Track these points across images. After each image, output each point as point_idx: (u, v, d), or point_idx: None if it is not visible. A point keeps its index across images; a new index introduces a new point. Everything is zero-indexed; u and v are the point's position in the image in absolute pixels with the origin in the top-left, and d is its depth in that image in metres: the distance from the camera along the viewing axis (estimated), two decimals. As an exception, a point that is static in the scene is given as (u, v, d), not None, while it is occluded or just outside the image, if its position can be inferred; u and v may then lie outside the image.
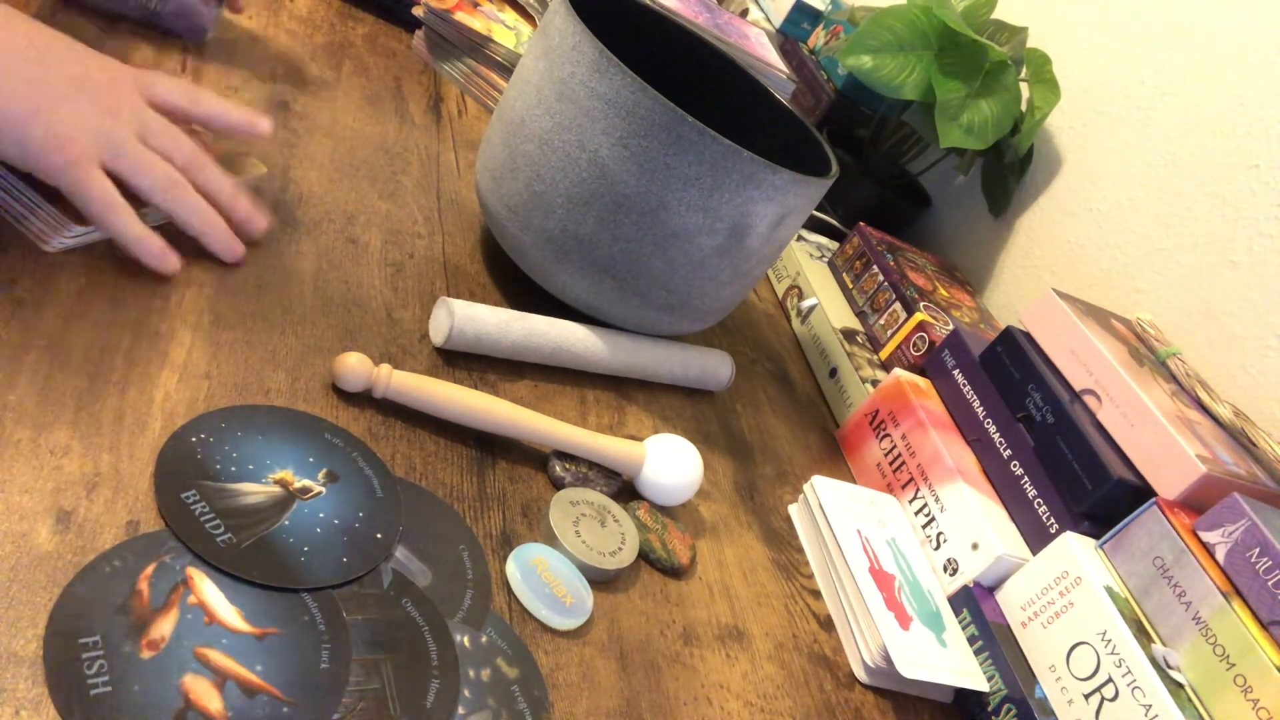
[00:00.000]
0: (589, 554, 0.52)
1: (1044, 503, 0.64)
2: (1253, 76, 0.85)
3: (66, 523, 0.39)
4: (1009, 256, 1.03)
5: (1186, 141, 0.89)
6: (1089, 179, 0.97)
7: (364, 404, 0.53)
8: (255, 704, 0.37)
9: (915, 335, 0.81)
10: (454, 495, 0.51)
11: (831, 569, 0.62)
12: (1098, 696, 0.55)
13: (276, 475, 0.46)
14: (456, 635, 0.44)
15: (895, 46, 0.90)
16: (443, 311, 0.59)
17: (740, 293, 0.67)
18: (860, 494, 0.68)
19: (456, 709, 0.41)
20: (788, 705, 0.53)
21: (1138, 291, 0.89)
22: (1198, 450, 0.60)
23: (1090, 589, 0.57)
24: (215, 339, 0.51)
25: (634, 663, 0.49)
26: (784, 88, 0.99)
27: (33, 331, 0.45)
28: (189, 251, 0.54)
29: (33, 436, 0.41)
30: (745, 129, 0.77)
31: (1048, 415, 0.67)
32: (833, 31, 1.20)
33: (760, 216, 0.61)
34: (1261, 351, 0.78)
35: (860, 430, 0.76)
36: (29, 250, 0.49)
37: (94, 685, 0.35)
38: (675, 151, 0.57)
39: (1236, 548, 0.55)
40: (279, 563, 0.42)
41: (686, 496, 0.59)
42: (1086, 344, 0.68)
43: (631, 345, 0.66)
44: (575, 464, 0.57)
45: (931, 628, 0.60)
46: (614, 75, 0.57)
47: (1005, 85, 0.91)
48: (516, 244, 0.64)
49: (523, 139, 0.61)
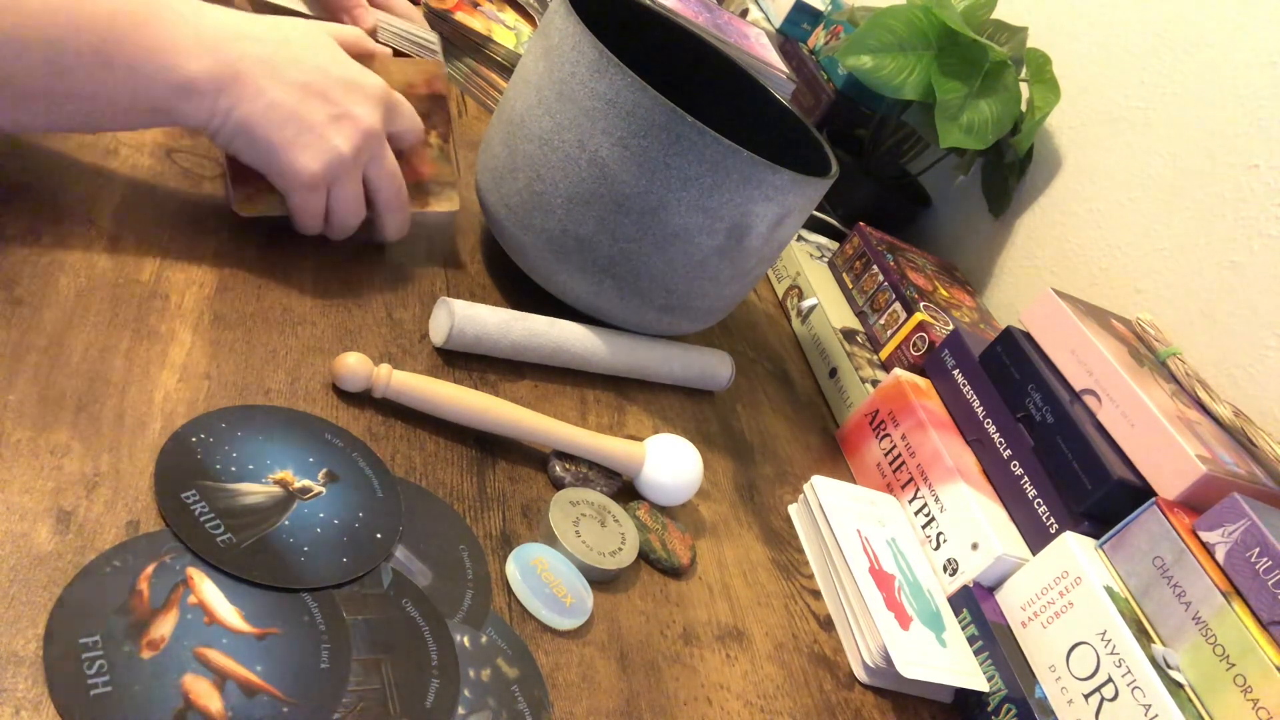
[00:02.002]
0: (589, 554, 0.52)
1: (1044, 503, 0.64)
2: (1253, 76, 0.85)
3: (66, 523, 0.39)
4: (1009, 256, 1.03)
5: (1186, 141, 0.89)
6: (1089, 179, 0.97)
7: (364, 404, 0.53)
8: (255, 704, 0.37)
9: (915, 335, 0.81)
10: (454, 495, 0.51)
11: (831, 569, 0.62)
12: (1097, 696, 0.55)
13: (276, 475, 0.46)
14: (456, 635, 0.44)
15: (895, 46, 0.90)
16: (443, 311, 0.59)
17: (740, 293, 0.67)
18: (860, 494, 0.68)
19: (456, 709, 0.41)
20: (788, 705, 0.53)
21: (1138, 291, 0.89)
22: (1198, 450, 0.60)
23: (1090, 589, 0.57)
24: (215, 339, 0.51)
25: (634, 663, 0.49)
26: (784, 88, 0.99)
27: (33, 331, 0.45)
28: (188, 249, 0.54)
29: (33, 436, 0.41)
30: (745, 129, 0.77)
31: (1048, 415, 0.67)
32: (833, 31, 1.20)
33: (760, 216, 0.61)
34: (1261, 351, 0.78)
35: (860, 430, 0.76)
36: (29, 250, 0.49)
37: (94, 685, 0.35)
38: (675, 151, 0.57)
39: (1236, 548, 0.55)
40: (279, 563, 0.42)
41: (686, 496, 0.59)
42: (1086, 344, 0.68)
43: (631, 345, 0.66)
44: (575, 464, 0.57)
45: (931, 628, 0.60)
46: (614, 75, 0.57)
47: (1005, 85, 0.91)
48: (516, 244, 0.64)
49: (523, 139, 0.61)
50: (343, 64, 0.55)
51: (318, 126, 0.53)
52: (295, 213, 0.56)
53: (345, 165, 0.54)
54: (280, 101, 0.51)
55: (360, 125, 0.54)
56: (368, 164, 0.56)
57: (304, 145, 0.52)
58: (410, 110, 0.60)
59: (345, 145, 0.54)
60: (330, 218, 0.57)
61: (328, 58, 0.54)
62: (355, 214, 0.58)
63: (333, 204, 0.56)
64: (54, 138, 0.56)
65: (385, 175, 0.58)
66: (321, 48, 0.55)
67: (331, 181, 0.55)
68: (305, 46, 0.54)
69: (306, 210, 0.55)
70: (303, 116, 0.52)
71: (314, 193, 0.55)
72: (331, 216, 0.57)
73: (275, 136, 0.52)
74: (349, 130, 0.54)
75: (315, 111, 0.53)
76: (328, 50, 0.55)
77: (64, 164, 0.55)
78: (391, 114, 0.58)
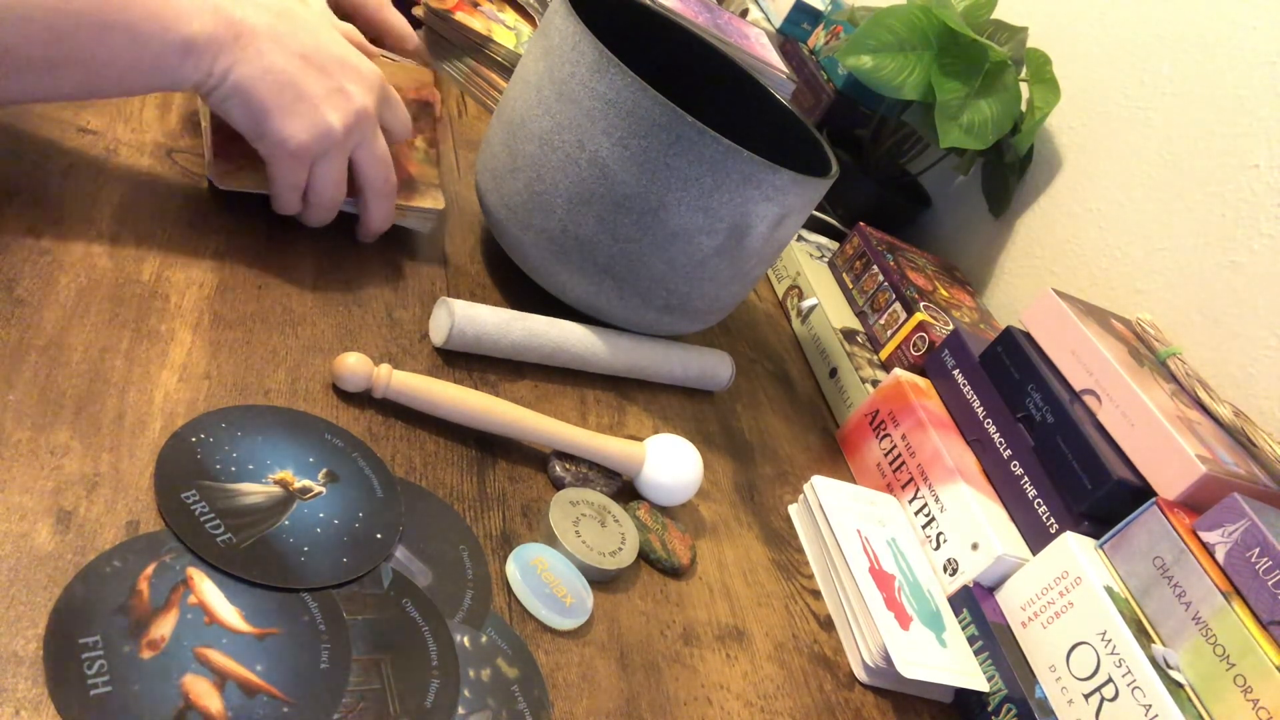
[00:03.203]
0: (589, 554, 0.52)
1: (1044, 503, 0.64)
2: (1253, 76, 0.85)
3: (66, 523, 0.39)
4: (1009, 256, 1.03)
5: (1186, 141, 0.89)
6: (1089, 179, 0.97)
7: (364, 404, 0.53)
8: (255, 704, 0.37)
9: (915, 335, 0.81)
10: (454, 495, 0.51)
11: (831, 569, 0.62)
12: (1098, 696, 0.55)
13: (276, 475, 0.46)
14: (456, 635, 0.44)
15: (895, 46, 0.90)
16: (443, 311, 0.59)
17: (740, 293, 0.67)
18: (860, 494, 0.68)
19: (456, 709, 0.41)
20: (788, 705, 0.53)
21: (1138, 291, 0.89)
22: (1198, 450, 0.60)
23: (1090, 589, 0.57)
24: (215, 339, 0.51)
25: (634, 663, 0.49)
26: (784, 88, 0.99)
27: (33, 331, 0.45)
28: (188, 249, 0.54)
29: (33, 436, 0.41)
30: (745, 129, 0.77)
31: (1048, 415, 0.67)
32: (833, 31, 1.20)
33: (760, 216, 0.61)
34: (1261, 351, 0.78)
35: (860, 430, 0.76)
36: (29, 250, 0.49)
37: (94, 685, 0.35)
38: (675, 151, 0.57)
39: (1236, 548, 0.55)
40: (279, 563, 0.42)
41: (686, 496, 0.59)
42: (1086, 344, 0.68)
43: (631, 345, 0.66)
44: (575, 464, 0.57)
45: (931, 628, 0.60)
46: (614, 75, 0.57)
47: (1005, 85, 0.91)
48: (516, 244, 0.64)
49: (523, 139, 0.61)
50: (342, 45, 0.55)
51: (312, 97, 0.52)
52: (275, 184, 0.55)
53: (334, 140, 0.54)
54: (279, 66, 0.51)
55: (354, 104, 0.54)
56: (357, 145, 0.56)
57: (297, 113, 0.52)
58: (403, 107, 0.60)
59: (337, 121, 0.53)
60: (309, 196, 0.57)
61: (328, 36, 0.54)
62: (334, 196, 0.57)
63: (314, 180, 0.56)
64: (54, 137, 0.56)
65: (375, 158, 0.57)
66: (323, 26, 0.55)
67: (318, 155, 0.54)
68: (307, 21, 0.54)
69: (286, 180, 0.55)
70: (299, 84, 0.52)
71: (298, 162, 0.54)
72: (311, 194, 0.56)
73: (270, 101, 0.51)
74: (343, 106, 0.53)
75: (312, 82, 0.52)
76: (328, 30, 0.55)
77: (64, 164, 0.55)
78: (385, 104, 0.58)
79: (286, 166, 0.54)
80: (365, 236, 0.62)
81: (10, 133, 0.54)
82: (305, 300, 0.57)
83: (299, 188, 0.56)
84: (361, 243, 0.63)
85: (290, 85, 0.51)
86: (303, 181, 0.55)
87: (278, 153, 0.53)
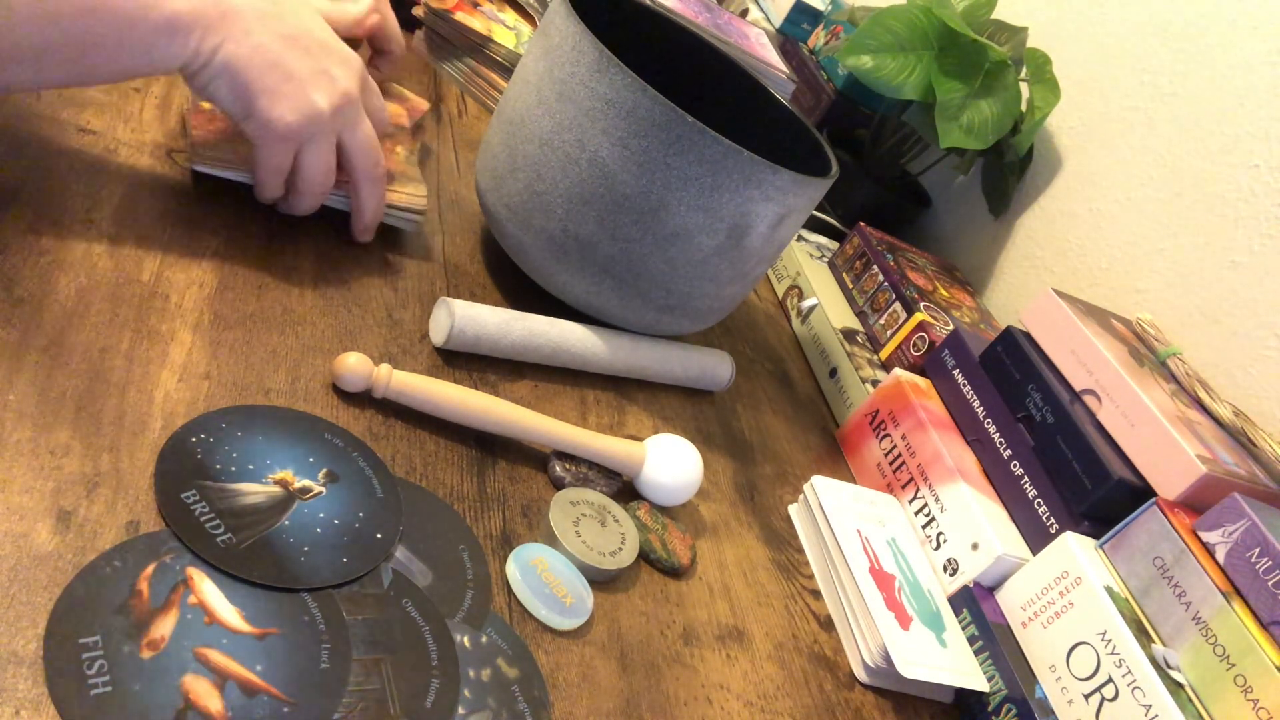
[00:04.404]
0: (589, 554, 0.52)
1: (1044, 503, 0.64)
2: (1253, 76, 0.85)
3: (66, 523, 0.39)
4: (1009, 256, 1.03)
5: (1186, 141, 0.89)
6: (1089, 179, 0.97)
7: (364, 404, 0.53)
8: (255, 704, 0.37)
9: (915, 335, 0.81)
10: (454, 495, 0.51)
11: (831, 569, 0.62)
12: (1098, 696, 0.55)
13: (276, 475, 0.46)
14: (456, 635, 0.44)
15: (895, 46, 0.90)
16: (443, 311, 0.59)
17: (740, 293, 0.67)
18: (860, 494, 0.68)
19: (456, 709, 0.41)
20: (788, 705, 0.53)
21: (1138, 291, 0.89)
22: (1198, 450, 0.60)
23: (1090, 589, 0.57)
24: (215, 339, 0.51)
25: (634, 663, 0.49)
26: (784, 88, 0.99)
27: (33, 331, 0.45)
28: (188, 249, 0.54)
29: (33, 436, 0.41)
30: (745, 129, 0.77)
31: (1048, 415, 0.67)
32: (833, 31, 1.20)
33: (760, 216, 0.61)
34: (1261, 351, 0.78)
35: (860, 430, 0.76)
36: (29, 250, 0.49)
37: (94, 685, 0.35)
38: (675, 151, 0.57)
39: (1236, 548, 0.55)
40: (279, 563, 0.42)
41: (686, 496, 0.59)
42: (1086, 344, 0.68)
43: (631, 345, 0.66)
44: (575, 464, 0.57)
45: (931, 628, 0.60)
46: (614, 75, 0.57)
47: (1005, 85, 0.91)
48: (516, 244, 0.64)
49: (523, 139, 0.61)
50: (326, 30, 0.55)
51: (299, 79, 0.52)
52: (259, 168, 0.55)
53: (322, 123, 0.54)
54: (266, 46, 0.51)
55: (340, 86, 0.54)
56: (344, 129, 0.56)
57: (284, 95, 0.52)
58: (380, 96, 0.60)
59: (324, 103, 0.53)
60: (297, 182, 0.56)
61: (313, 22, 0.54)
62: (322, 182, 0.57)
63: (300, 165, 0.55)
64: (54, 137, 0.56)
65: (363, 141, 0.57)
66: (308, 13, 0.55)
67: (305, 139, 0.54)
68: (291, 3, 0.54)
69: (271, 165, 0.54)
70: (286, 65, 0.52)
71: (285, 145, 0.53)
72: (299, 180, 0.56)
73: (256, 82, 0.51)
74: (329, 89, 0.53)
75: (299, 64, 0.52)
76: (314, 16, 0.55)
77: (64, 164, 0.55)
78: (367, 90, 0.58)
79: (273, 148, 0.54)
80: (360, 231, 0.62)
81: (10, 133, 0.54)
82: (305, 300, 0.57)
83: (283, 171, 0.55)
84: (361, 243, 0.63)
85: (277, 66, 0.51)
86: (288, 165, 0.55)
87: (265, 134, 0.53)
